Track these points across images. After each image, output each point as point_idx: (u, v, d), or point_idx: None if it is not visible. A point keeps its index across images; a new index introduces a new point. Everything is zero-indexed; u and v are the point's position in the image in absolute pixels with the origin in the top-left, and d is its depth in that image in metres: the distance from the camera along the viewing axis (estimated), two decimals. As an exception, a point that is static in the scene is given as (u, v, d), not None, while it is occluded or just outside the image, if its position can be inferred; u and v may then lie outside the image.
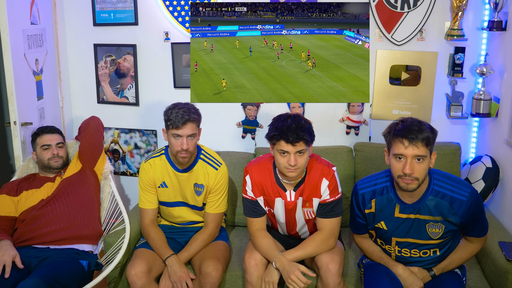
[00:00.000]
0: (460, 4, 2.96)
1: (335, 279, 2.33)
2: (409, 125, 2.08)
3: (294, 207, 2.48)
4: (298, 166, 2.30)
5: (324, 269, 2.35)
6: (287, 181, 2.44)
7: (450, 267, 2.31)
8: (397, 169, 2.11)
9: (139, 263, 2.49)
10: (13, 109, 2.85)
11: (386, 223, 2.27)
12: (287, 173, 2.33)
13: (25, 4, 2.99)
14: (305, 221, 2.52)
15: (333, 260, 2.36)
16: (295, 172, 2.32)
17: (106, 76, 3.46)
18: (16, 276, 2.38)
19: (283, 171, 2.35)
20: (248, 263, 2.44)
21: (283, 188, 2.46)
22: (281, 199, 2.47)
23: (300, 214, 2.50)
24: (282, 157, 2.30)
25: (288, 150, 2.27)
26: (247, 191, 2.51)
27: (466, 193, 2.16)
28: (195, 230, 2.74)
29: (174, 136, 2.52)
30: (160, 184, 2.68)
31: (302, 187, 2.44)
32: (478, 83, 3.08)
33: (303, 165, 2.33)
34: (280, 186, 2.46)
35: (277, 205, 2.49)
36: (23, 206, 2.72)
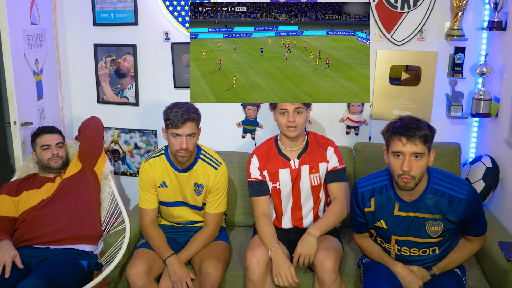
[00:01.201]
0: (460, 4, 2.96)
1: (330, 276, 2.35)
2: (407, 123, 2.10)
3: (299, 174, 2.63)
4: (296, 124, 2.55)
5: (319, 266, 2.38)
6: (289, 148, 2.64)
7: (450, 267, 2.31)
8: (395, 167, 2.12)
9: (139, 263, 2.49)
10: (13, 109, 2.85)
11: (386, 221, 2.28)
12: (287, 132, 2.57)
13: (25, 4, 2.99)
14: (311, 188, 2.64)
15: (328, 257, 2.39)
16: (294, 131, 2.56)
17: (106, 76, 3.46)
18: (16, 276, 2.38)
19: (284, 131, 2.59)
20: (250, 261, 2.45)
21: (286, 158, 2.66)
22: (286, 169, 2.64)
23: (307, 181, 2.64)
24: (282, 116, 2.56)
25: (287, 108, 2.54)
26: (251, 174, 2.69)
27: (465, 191, 2.16)
28: (195, 230, 2.74)
29: (173, 136, 2.52)
30: (160, 184, 2.68)
31: (305, 155, 2.64)
32: (478, 83, 3.08)
33: (301, 125, 2.57)
34: (283, 156, 2.66)
35: (282, 176, 2.64)
36: (23, 207, 2.72)
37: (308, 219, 2.69)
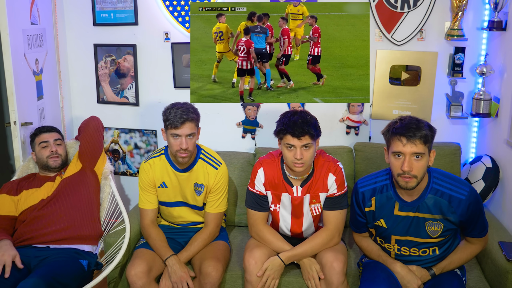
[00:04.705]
0: (460, 4, 2.96)
1: (339, 278, 2.35)
2: (407, 123, 2.10)
3: (301, 203, 2.52)
4: (304, 160, 2.35)
5: (328, 268, 2.37)
6: (294, 177, 2.49)
7: (450, 267, 2.31)
8: (396, 167, 2.13)
9: (139, 263, 2.49)
10: (13, 109, 2.85)
11: (386, 221, 2.28)
12: (294, 168, 2.39)
13: (25, 4, 2.99)
14: (313, 217, 2.55)
15: (337, 258, 2.38)
16: (301, 167, 2.37)
17: (106, 76, 3.46)
18: (16, 276, 2.38)
19: (290, 166, 2.40)
20: (248, 262, 2.45)
21: (290, 184, 2.51)
22: (288, 195, 2.51)
23: (308, 210, 2.53)
24: (289, 151, 2.36)
25: (294, 144, 2.33)
26: (255, 185, 2.56)
27: (465, 191, 2.17)
28: (195, 230, 2.74)
29: (173, 136, 2.52)
30: (160, 184, 2.68)
31: (309, 184, 2.49)
32: (478, 83, 3.08)
33: (309, 160, 2.38)
34: (287, 182, 2.51)
35: (283, 200, 2.53)
36: (23, 206, 2.72)
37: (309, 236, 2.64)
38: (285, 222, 2.60)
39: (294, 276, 2.55)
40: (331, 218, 2.51)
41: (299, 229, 2.59)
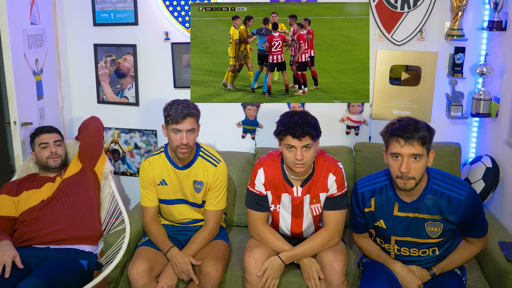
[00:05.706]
0: (460, 4, 2.96)
1: (339, 278, 2.35)
2: (406, 124, 2.10)
3: (301, 203, 2.52)
4: (304, 161, 2.35)
5: (328, 267, 2.38)
6: (294, 177, 2.49)
7: (450, 267, 2.31)
8: (394, 168, 2.13)
9: (140, 262, 2.50)
10: (13, 109, 2.85)
11: (385, 221, 2.28)
12: (294, 168, 2.39)
13: (25, 4, 2.99)
14: (313, 218, 2.55)
15: (338, 258, 2.39)
16: (302, 167, 2.37)
17: (106, 76, 3.46)
18: (16, 276, 2.38)
19: (290, 166, 2.40)
20: (248, 262, 2.45)
21: (290, 184, 2.51)
22: (288, 195, 2.51)
23: (308, 210, 2.53)
24: (289, 152, 2.36)
25: (294, 145, 2.33)
26: (255, 185, 2.55)
27: (465, 192, 2.16)
28: (196, 229, 2.74)
29: (173, 131, 2.53)
30: (159, 182, 2.69)
31: (309, 184, 2.49)
32: (478, 83, 3.08)
33: (310, 160, 2.38)
34: (287, 182, 2.51)
35: (283, 200, 2.54)
36: (24, 206, 2.72)
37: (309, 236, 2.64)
38: (285, 222, 2.60)
39: (294, 276, 2.55)
40: (331, 218, 2.51)
41: (299, 229, 2.59)
